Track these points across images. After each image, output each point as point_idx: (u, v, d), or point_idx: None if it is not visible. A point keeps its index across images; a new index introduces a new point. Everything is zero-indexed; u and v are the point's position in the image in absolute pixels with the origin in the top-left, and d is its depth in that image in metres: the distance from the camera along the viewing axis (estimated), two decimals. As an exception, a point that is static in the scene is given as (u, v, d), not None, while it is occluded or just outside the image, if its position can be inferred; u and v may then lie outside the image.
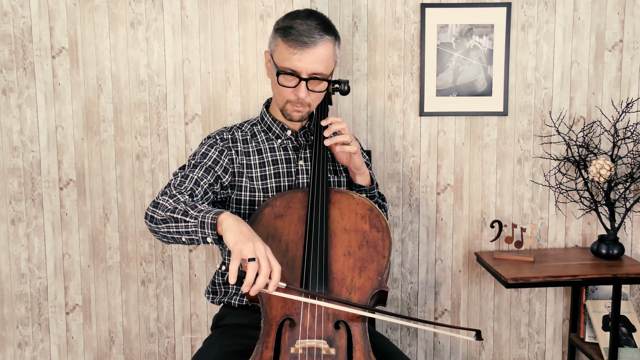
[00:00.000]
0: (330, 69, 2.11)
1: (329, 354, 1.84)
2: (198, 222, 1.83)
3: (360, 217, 2.04)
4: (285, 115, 2.17)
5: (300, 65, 2.04)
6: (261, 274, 1.69)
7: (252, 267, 1.68)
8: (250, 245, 1.71)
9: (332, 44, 2.09)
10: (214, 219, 1.81)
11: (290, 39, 2.04)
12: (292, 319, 1.89)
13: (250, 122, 2.32)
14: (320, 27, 2.06)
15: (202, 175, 2.11)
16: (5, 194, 2.81)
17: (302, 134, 2.27)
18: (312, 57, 2.04)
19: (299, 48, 2.03)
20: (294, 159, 2.24)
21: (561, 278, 2.62)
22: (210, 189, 2.12)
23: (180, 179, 2.08)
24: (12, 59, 2.75)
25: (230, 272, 1.68)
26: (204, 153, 2.18)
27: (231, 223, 1.79)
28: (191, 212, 1.86)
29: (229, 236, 1.76)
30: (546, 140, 2.93)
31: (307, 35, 2.03)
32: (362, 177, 2.25)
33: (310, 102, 2.13)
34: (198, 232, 1.84)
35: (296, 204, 2.06)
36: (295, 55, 2.04)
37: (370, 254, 1.98)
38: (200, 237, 1.84)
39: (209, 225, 1.81)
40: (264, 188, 2.19)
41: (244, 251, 1.70)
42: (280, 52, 2.08)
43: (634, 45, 2.89)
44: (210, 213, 1.83)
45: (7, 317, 2.89)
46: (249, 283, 1.69)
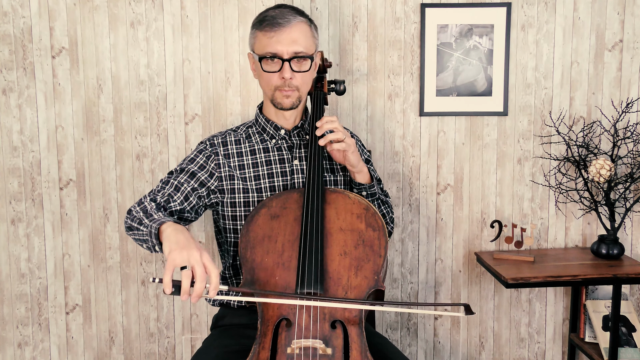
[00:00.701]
0: (310, 49, 2.16)
1: (326, 353, 1.84)
2: (147, 231, 1.89)
3: (356, 216, 2.04)
4: (276, 105, 2.19)
5: (280, 47, 2.10)
6: (197, 279, 1.69)
7: (186, 274, 1.69)
8: (184, 253, 1.72)
9: (306, 25, 2.16)
10: (156, 229, 1.86)
11: (265, 24, 2.12)
12: (288, 319, 1.89)
13: (245, 125, 2.35)
14: (293, 11, 2.15)
15: (185, 180, 2.16)
16: (5, 194, 2.82)
17: (296, 134, 2.28)
18: (289, 36, 2.10)
19: (274, 30, 2.10)
20: (289, 158, 2.24)
21: (561, 278, 2.62)
22: (194, 193, 2.16)
23: (161, 185, 2.15)
24: (12, 59, 2.75)
25: (164, 283, 1.68)
26: (192, 158, 2.24)
27: (170, 233, 1.81)
28: (145, 221, 1.92)
29: (165, 246, 1.79)
30: (546, 140, 2.92)
31: (280, 17, 2.11)
32: (360, 175, 2.25)
33: (298, 85, 2.16)
34: (149, 240, 1.89)
35: (292, 205, 2.06)
36: (273, 38, 2.10)
37: (367, 253, 1.98)
38: (151, 245, 1.90)
39: (153, 235, 1.86)
40: (258, 188, 2.19)
41: (177, 260, 1.71)
42: (259, 40, 2.14)
43: (634, 45, 2.88)
44: (155, 222, 1.88)
45: (7, 317, 2.89)
46: (185, 290, 1.69)
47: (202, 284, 1.69)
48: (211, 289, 1.72)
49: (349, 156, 2.17)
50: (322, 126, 2.15)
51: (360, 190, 2.25)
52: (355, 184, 2.25)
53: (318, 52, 2.26)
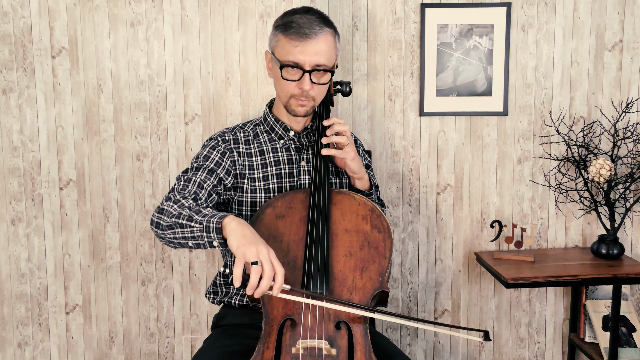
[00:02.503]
0: (332, 61, 2.12)
1: (330, 354, 1.84)
2: (203, 226, 1.83)
3: (362, 217, 2.04)
4: (290, 111, 2.17)
5: (303, 57, 2.06)
6: (264, 277, 1.70)
7: (256, 270, 1.69)
8: (253, 248, 1.72)
9: (332, 37, 2.11)
10: (218, 223, 1.81)
11: (291, 32, 2.06)
12: (293, 319, 1.89)
13: (253, 123, 2.32)
14: (320, 20, 2.09)
15: (205, 177, 2.11)
16: (5, 194, 2.81)
17: (305, 135, 2.27)
18: (314, 48, 2.06)
19: (300, 40, 2.05)
20: (296, 160, 2.24)
21: (561, 278, 2.62)
22: (214, 190, 2.13)
23: (183, 183, 2.09)
24: (12, 59, 2.75)
25: (235, 276, 1.68)
26: (206, 155, 2.18)
27: (234, 227, 1.79)
28: (196, 217, 1.86)
29: (232, 240, 1.77)
30: (546, 140, 2.93)
31: (307, 27, 2.05)
32: (360, 182, 2.24)
33: (314, 96, 2.14)
34: (204, 236, 1.84)
35: (298, 205, 2.06)
36: (297, 48, 2.05)
37: (372, 254, 1.98)
38: (206, 242, 1.85)
39: (214, 229, 1.82)
40: (266, 189, 2.19)
41: (247, 255, 1.71)
42: (282, 46, 2.09)
43: (634, 45, 2.89)
44: (215, 217, 1.83)
45: (7, 317, 2.89)
46: (252, 286, 1.69)
47: (269, 281, 1.70)
48: (275, 287, 1.73)
49: (349, 163, 2.17)
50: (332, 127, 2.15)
51: None
52: (354, 189, 2.25)
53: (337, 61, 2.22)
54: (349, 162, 2.17)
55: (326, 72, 2.12)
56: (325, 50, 2.08)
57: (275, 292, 1.73)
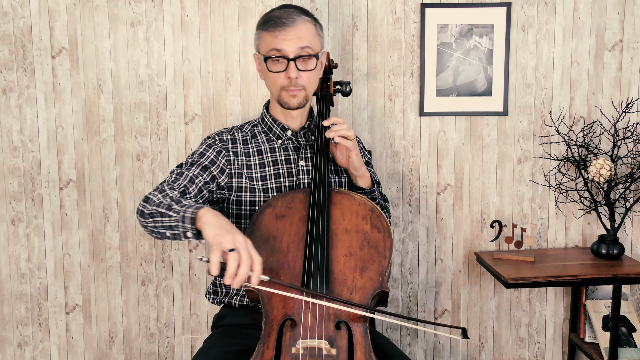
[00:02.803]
0: (316, 46, 2.15)
1: (330, 354, 1.83)
2: (180, 216, 1.85)
3: (362, 217, 2.03)
4: (283, 104, 2.18)
5: (284, 45, 2.09)
6: (242, 264, 1.68)
7: (233, 257, 1.68)
8: (230, 237, 1.71)
9: (311, 25, 2.16)
10: (193, 214, 1.82)
11: (270, 24, 2.12)
12: (293, 319, 1.89)
13: (251, 123, 2.33)
14: (298, 11, 2.15)
15: (197, 173, 2.13)
16: (5, 194, 2.81)
17: (303, 134, 2.27)
18: (294, 34, 2.10)
19: (279, 29, 2.09)
20: (295, 159, 2.24)
21: (561, 278, 2.62)
22: (206, 187, 2.14)
23: (175, 176, 2.11)
24: (12, 59, 2.75)
25: (212, 263, 1.67)
26: (202, 152, 2.20)
27: (210, 217, 1.80)
28: (174, 206, 1.88)
29: (208, 230, 1.77)
30: (546, 140, 2.93)
31: (285, 17, 2.11)
32: (362, 180, 2.24)
33: (305, 85, 2.16)
34: (179, 226, 1.85)
35: (297, 205, 2.06)
36: (278, 37, 2.10)
37: (372, 254, 1.98)
38: (181, 232, 1.86)
39: (188, 219, 1.83)
40: (264, 188, 2.19)
41: (224, 242, 1.70)
42: (264, 40, 2.14)
43: (634, 45, 2.89)
44: (191, 208, 1.84)
45: (7, 317, 2.89)
46: (230, 274, 1.68)
47: (246, 269, 1.69)
48: (254, 276, 1.72)
49: (353, 158, 2.17)
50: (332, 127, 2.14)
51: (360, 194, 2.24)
52: (356, 187, 2.25)
53: (324, 52, 2.26)
54: (353, 157, 2.17)
55: (311, 57, 2.14)
56: (306, 35, 2.11)
57: (254, 281, 1.72)
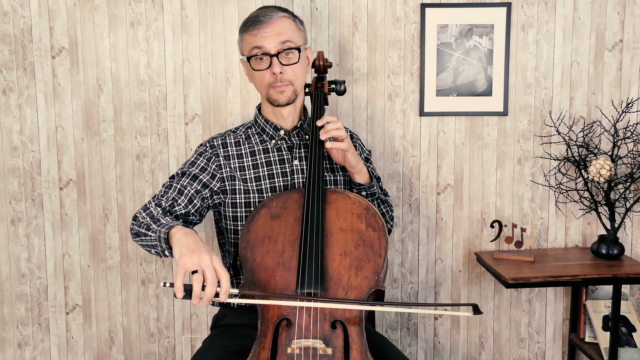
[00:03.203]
0: (297, 40, 2.17)
1: (326, 353, 1.84)
2: (156, 236, 1.89)
3: (357, 216, 2.03)
4: (272, 102, 2.19)
5: (265, 42, 2.11)
6: (207, 283, 1.70)
7: (197, 278, 1.69)
8: (195, 257, 1.73)
9: (290, 20, 2.18)
10: (165, 234, 1.86)
11: (248, 25, 2.14)
12: (288, 319, 1.89)
13: (244, 125, 2.35)
14: (275, 9, 2.17)
15: (187, 183, 2.16)
16: (5, 194, 2.82)
17: (296, 134, 2.28)
18: (273, 30, 2.11)
19: (257, 27, 2.12)
20: (289, 159, 2.24)
21: (561, 278, 2.62)
22: (198, 195, 2.16)
23: (164, 189, 2.15)
24: (12, 59, 2.75)
25: (175, 287, 1.70)
26: (193, 161, 2.23)
27: (179, 237, 1.82)
28: (153, 226, 1.92)
29: (175, 250, 1.79)
30: (546, 140, 2.92)
31: (262, 15, 2.13)
32: (360, 176, 2.25)
33: (291, 79, 2.17)
34: (157, 245, 1.90)
35: (292, 205, 2.06)
36: (258, 35, 2.12)
37: (367, 253, 1.98)
38: (160, 251, 1.91)
39: (162, 239, 1.87)
40: (259, 189, 2.19)
41: (187, 264, 1.72)
42: (245, 41, 2.16)
43: (634, 45, 2.88)
44: (164, 227, 1.88)
45: (7, 317, 2.89)
46: (196, 295, 1.69)
47: (213, 287, 1.70)
48: (222, 292, 1.72)
49: (349, 157, 2.17)
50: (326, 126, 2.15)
51: (360, 191, 2.24)
52: (355, 184, 2.25)
53: (309, 47, 2.27)
54: (349, 156, 2.17)
55: (293, 51, 2.15)
56: (284, 29, 2.13)
57: (222, 298, 1.73)
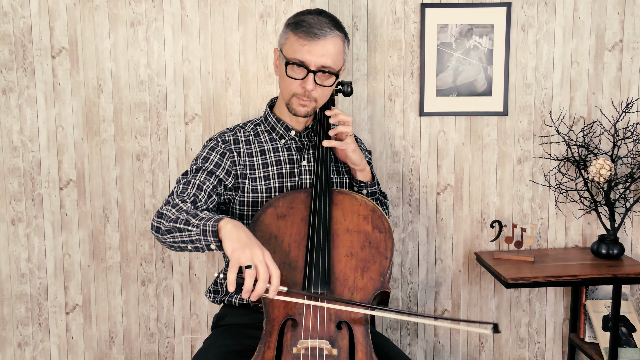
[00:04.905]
0: (338, 65, 2.12)
1: (331, 354, 1.84)
2: (200, 230, 1.84)
3: (363, 218, 2.03)
4: (290, 110, 2.16)
5: (309, 57, 2.05)
6: (259, 279, 1.70)
7: (250, 274, 1.70)
8: (248, 252, 1.72)
9: (341, 41, 2.11)
10: (214, 226, 1.82)
11: (301, 30, 2.06)
12: (294, 319, 1.89)
13: (253, 122, 2.32)
14: (331, 23, 2.09)
15: (204, 179, 2.11)
16: (5, 194, 2.81)
17: (306, 135, 2.27)
18: (322, 49, 2.05)
19: (309, 39, 2.05)
20: (297, 159, 2.24)
21: (561, 278, 2.62)
22: (214, 191, 2.12)
23: (182, 186, 2.09)
24: (12, 59, 2.74)
25: (229, 281, 1.70)
26: (206, 157, 2.18)
27: (229, 230, 1.80)
28: (193, 220, 1.87)
29: (227, 244, 1.77)
30: (546, 140, 2.93)
31: (317, 27, 2.05)
32: (362, 174, 2.25)
33: (317, 98, 2.13)
34: (201, 239, 1.84)
35: (299, 205, 2.06)
36: (305, 47, 2.05)
37: (373, 254, 1.98)
38: (204, 245, 1.85)
39: (210, 232, 1.82)
40: (267, 188, 2.19)
41: (241, 259, 1.71)
42: (291, 44, 2.09)
43: (634, 45, 2.89)
44: (211, 220, 1.84)
45: (7, 317, 2.89)
46: (247, 290, 1.70)
47: (264, 284, 1.70)
48: (271, 289, 1.73)
49: (350, 155, 2.17)
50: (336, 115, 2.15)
51: (361, 189, 2.25)
52: (356, 181, 2.25)
53: (344, 66, 2.22)
54: (350, 154, 2.17)
55: (331, 75, 2.11)
56: (332, 53, 2.07)
57: (272, 295, 1.73)
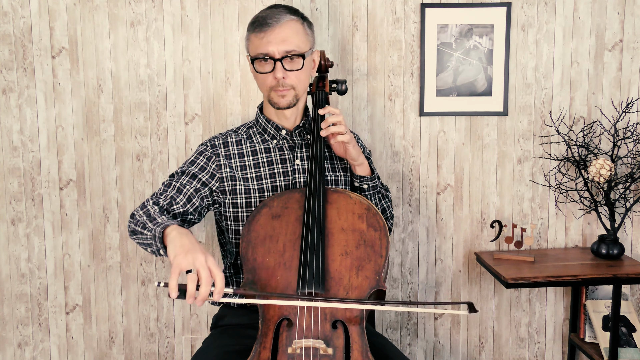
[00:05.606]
0: (302, 46, 2.14)
1: (327, 353, 1.84)
2: (152, 235, 1.89)
3: (358, 216, 2.03)
4: (273, 105, 2.18)
5: (271, 47, 2.09)
6: (202, 283, 1.70)
7: (191, 278, 1.69)
8: (190, 257, 1.73)
9: (298, 23, 2.15)
10: (161, 233, 1.85)
11: (255, 26, 2.12)
12: (289, 319, 1.89)
13: (246, 125, 2.34)
14: (285, 10, 2.14)
15: (186, 182, 2.16)
16: (5, 194, 2.82)
17: (297, 133, 2.27)
18: (279, 35, 2.09)
19: (264, 30, 2.09)
20: (290, 158, 2.24)
21: (561, 278, 2.62)
22: (197, 194, 2.16)
23: (164, 188, 2.15)
24: (12, 59, 2.75)
25: (170, 287, 1.69)
26: (192, 160, 2.23)
27: (174, 237, 1.82)
28: (149, 224, 1.92)
29: (170, 249, 1.79)
30: (546, 140, 2.93)
31: (270, 17, 2.11)
32: (361, 168, 2.25)
33: (293, 84, 2.15)
34: (153, 244, 1.90)
35: (293, 204, 2.06)
36: (264, 39, 2.10)
37: (368, 253, 1.98)
38: (155, 250, 1.91)
39: (157, 239, 1.86)
40: (260, 188, 2.19)
41: (182, 264, 1.72)
42: (252, 42, 2.15)
43: (634, 45, 2.88)
44: (160, 226, 1.87)
45: (7, 317, 2.89)
46: (190, 294, 1.69)
47: (207, 287, 1.70)
48: (216, 292, 1.72)
49: (350, 149, 2.18)
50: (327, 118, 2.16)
51: (362, 183, 2.25)
52: (357, 177, 2.25)
53: (316, 50, 2.26)
54: (350, 148, 2.18)
55: (298, 57, 2.13)
56: (291, 36, 2.11)
57: (216, 297, 1.73)
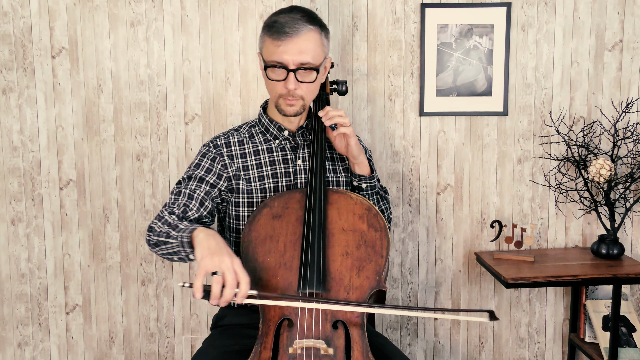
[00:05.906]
0: (318, 58, 2.10)
1: (327, 353, 1.84)
2: (178, 242, 1.89)
3: (358, 217, 2.03)
4: (280, 111, 2.16)
5: (286, 56, 2.05)
6: (227, 285, 1.71)
7: (216, 280, 1.71)
8: (216, 259, 1.74)
9: (317, 34, 2.09)
10: (188, 237, 1.86)
11: (273, 31, 2.06)
12: (290, 319, 1.89)
13: (248, 124, 2.32)
14: (304, 19, 2.08)
15: (195, 186, 2.15)
16: (5, 194, 2.82)
17: (300, 134, 2.27)
18: (296, 47, 2.05)
19: (282, 39, 2.05)
20: (292, 159, 2.24)
21: (561, 278, 2.62)
22: (208, 197, 2.15)
23: (174, 197, 2.14)
24: (12, 59, 2.75)
25: (195, 287, 1.70)
26: (197, 164, 2.21)
27: (201, 239, 1.83)
28: (173, 232, 1.92)
29: (197, 252, 1.80)
30: (546, 140, 2.93)
31: (289, 26, 2.05)
32: (360, 167, 2.24)
33: (303, 95, 2.12)
34: (181, 251, 1.90)
35: (294, 205, 2.06)
36: (280, 47, 2.05)
37: (369, 253, 1.98)
38: (184, 256, 1.91)
39: (186, 244, 1.87)
40: (262, 188, 2.19)
41: (208, 266, 1.73)
42: (267, 47, 2.10)
43: (634, 45, 2.88)
44: (186, 231, 1.88)
45: (7, 317, 2.89)
46: (214, 296, 1.71)
47: (232, 290, 1.71)
48: (239, 295, 1.73)
49: (352, 145, 2.17)
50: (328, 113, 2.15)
51: (360, 182, 2.24)
52: (355, 175, 2.24)
53: (328, 57, 2.20)
54: (352, 145, 2.17)
55: (312, 71, 2.10)
56: (309, 48, 2.06)
57: (239, 300, 1.73)
